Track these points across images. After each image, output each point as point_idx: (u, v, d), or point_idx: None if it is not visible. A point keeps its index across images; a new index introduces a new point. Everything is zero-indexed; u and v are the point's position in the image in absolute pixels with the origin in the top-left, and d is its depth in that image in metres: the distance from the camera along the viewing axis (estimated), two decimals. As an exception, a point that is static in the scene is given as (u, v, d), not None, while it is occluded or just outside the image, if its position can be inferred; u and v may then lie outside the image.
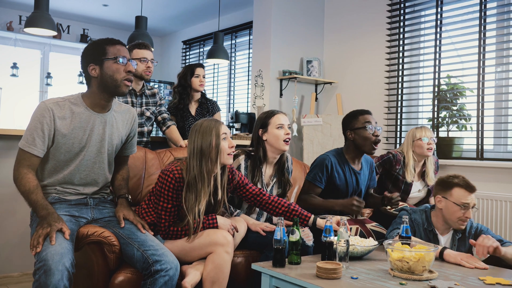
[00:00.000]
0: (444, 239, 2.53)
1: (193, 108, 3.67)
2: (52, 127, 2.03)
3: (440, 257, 2.26)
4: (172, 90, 3.71)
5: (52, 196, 2.13)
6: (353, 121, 2.84)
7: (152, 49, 3.26)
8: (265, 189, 2.71)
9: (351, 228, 2.71)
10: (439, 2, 4.09)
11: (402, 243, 2.07)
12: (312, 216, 2.46)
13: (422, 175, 3.29)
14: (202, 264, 2.25)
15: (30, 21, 3.71)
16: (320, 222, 2.43)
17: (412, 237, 2.30)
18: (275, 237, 2.08)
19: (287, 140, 2.66)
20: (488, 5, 3.80)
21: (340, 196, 2.83)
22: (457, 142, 3.92)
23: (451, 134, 3.98)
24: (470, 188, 2.39)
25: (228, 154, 2.29)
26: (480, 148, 3.78)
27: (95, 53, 2.07)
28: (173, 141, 3.34)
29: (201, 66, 3.66)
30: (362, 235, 2.66)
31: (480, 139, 3.78)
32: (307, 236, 2.51)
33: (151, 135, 3.48)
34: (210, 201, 2.33)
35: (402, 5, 4.38)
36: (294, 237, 2.12)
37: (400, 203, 3.21)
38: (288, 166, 2.85)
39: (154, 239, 2.13)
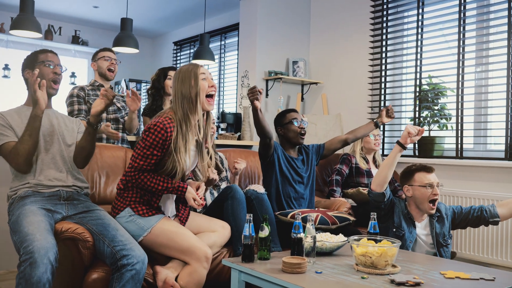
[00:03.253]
0: (421, 225, 2.73)
1: None
2: (7, 123, 2.27)
3: (402, 146, 2.62)
4: (146, 92, 3.82)
5: (25, 190, 2.23)
6: (282, 119, 3.23)
7: (115, 52, 3.68)
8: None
9: (311, 215, 2.83)
10: (420, 4, 4.16)
11: (368, 239, 2.14)
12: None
13: (377, 165, 3.86)
14: (174, 267, 2.31)
15: (15, 24, 3.77)
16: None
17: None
18: (244, 233, 2.14)
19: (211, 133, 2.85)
20: (468, 6, 3.87)
21: (276, 176, 3.09)
22: (438, 141, 3.98)
23: (432, 133, 4.04)
24: (428, 169, 2.69)
25: (208, 97, 2.35)
26: (460, 147, 3.84)
27: (30, 61, 2.41)
28: (130, 128, 3.52)
29: (174, 69, 3.82)
30: (323, 220, 2.76)
31: (459, 138, 3.84)
32: (257, 187, 2.88)
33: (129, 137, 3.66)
34: (199, 149, 2.42)
35: (385, 6, 4.44)
36: (263, 233, 2.18)
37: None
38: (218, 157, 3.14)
39: (125, 233, 2.19)
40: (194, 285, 2.27)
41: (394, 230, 2.67)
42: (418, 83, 4.15)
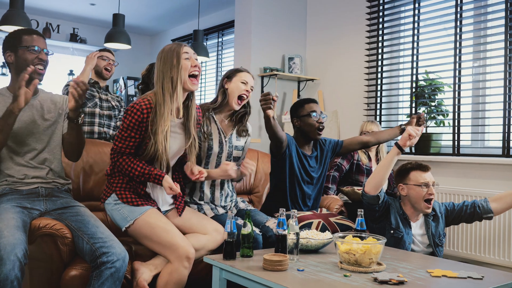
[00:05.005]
0: (416, 225, 2.66)
1: None
2: None
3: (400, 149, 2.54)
4: (136, 88, 3.83)
5: (3, 188, 2.17)
6: (300, 109, 2.97)
7: (114, 53, 3.73)
8: (223, 135, 2.71)
9: (311, 223, 2.74)
10: (417, -2, 4.08)
11: (354, 236, 2.07)
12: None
13: (378, 162, 3.72)
14: (155, 265, 2.26)
15: (4, 19, 3.74)
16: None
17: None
18: (225, 229, 2.08)
19: (244, 96, 2.67)
20: (465, 0, 3.79)
21: (285, 175, 2.89)
22: (434, 138, 3.91)
23: (429, 130, 3.97)
24: (424, 168, 2.60)
25: (191, 77, 2.26)
26: (457, 143, 3.76)
27: (12, 42, 2.21)
28: None
29: None
30: (324, 229, 2.67)
31: (456, 134, 3.76)
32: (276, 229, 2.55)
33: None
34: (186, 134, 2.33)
35: (381, 1, 4.37)
36: (246, 230, 2.12)
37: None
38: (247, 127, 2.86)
39: (105, 230, 2.13)
40: (175, 284, 2.20)
41: (392, 232, 2.58)
42: (414, 79, 4.08)
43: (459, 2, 3.78)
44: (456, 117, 3.77)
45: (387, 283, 1.75)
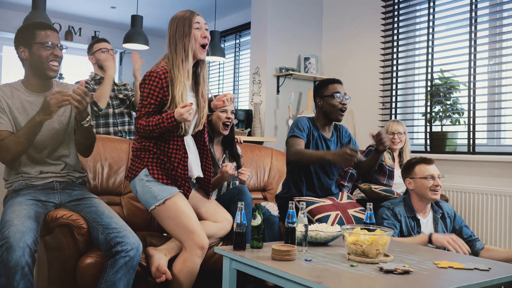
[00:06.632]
0: (426, 222, 2.69)
1: None
2: (4, 103, 2.17)
3: (430, 242, 2.50)
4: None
5: (19, 183, 2.23)
6: (323, 89, 2.91)
7: (110, 43, 3.62)
8: (218, 163, 2.89)
9: (329, 216, 2.76)
10: (432, -4, 4.08)
11: (362, 228, 2.10)
12: None
13: (401, 165, 3.51)
14: (168, 249, 2.33)
15: (27, 21, 3.83)
16: None
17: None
18: (236, 221, 2.13)
19: (227, 124, 2.87)
20: (480, -2, 3.78)
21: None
22: (450, 137, 3.89)
23: (444, 129, 3.95)
24: (428, 161, 2.70)
25: (201, 46, 2.33)
26: (472, 142, 3.74)
27: (25, 37, 2.19)
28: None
29: None
30: (341, 222, 2.70)
31: (471, 133, 3.74)
32: (272, 207, 2.75)
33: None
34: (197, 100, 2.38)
35: (396, 1, 4.38)
36: (256, 222, 2.16)
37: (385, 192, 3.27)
38: (236, 147, 3.07)
39: (119, 221, 2.19)
40: (188, 272, 2.27)
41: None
42: (430, 77, 4.07)
43: (473, 0, 3.76)
44: (472, 116, 3.75)
45: (392, 272, 1.78)
